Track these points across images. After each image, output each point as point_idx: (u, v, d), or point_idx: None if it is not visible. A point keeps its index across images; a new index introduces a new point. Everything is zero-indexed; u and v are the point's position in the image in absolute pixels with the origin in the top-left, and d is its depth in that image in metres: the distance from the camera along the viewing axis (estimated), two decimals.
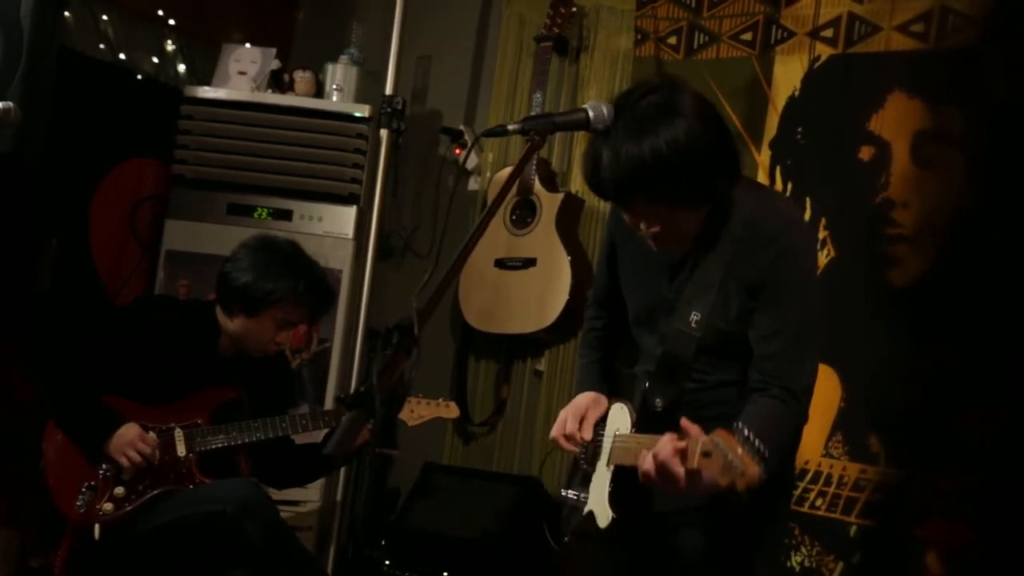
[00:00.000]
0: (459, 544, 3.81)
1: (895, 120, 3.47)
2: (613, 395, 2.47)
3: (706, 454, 1.91)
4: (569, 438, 2.41)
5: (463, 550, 3.80)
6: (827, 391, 3.51)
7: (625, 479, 2.27)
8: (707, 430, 1.98)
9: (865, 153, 3.56)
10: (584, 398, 2.48)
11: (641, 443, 2.18)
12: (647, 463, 2.05)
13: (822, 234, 3.65)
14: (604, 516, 2.33)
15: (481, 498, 3.96)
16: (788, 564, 3.49)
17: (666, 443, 2.02)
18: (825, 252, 3.63)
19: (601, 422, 2.43)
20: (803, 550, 3.48)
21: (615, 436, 2.38)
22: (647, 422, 2.29)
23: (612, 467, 2.34)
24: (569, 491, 2.51)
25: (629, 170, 2.09)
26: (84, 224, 4.22)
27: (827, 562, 3.41)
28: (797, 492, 3.46)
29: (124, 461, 3.03)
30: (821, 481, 3.45)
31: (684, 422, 2.01)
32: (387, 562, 3.82)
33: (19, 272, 3.89)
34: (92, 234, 4.24)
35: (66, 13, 3.91)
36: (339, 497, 4.08)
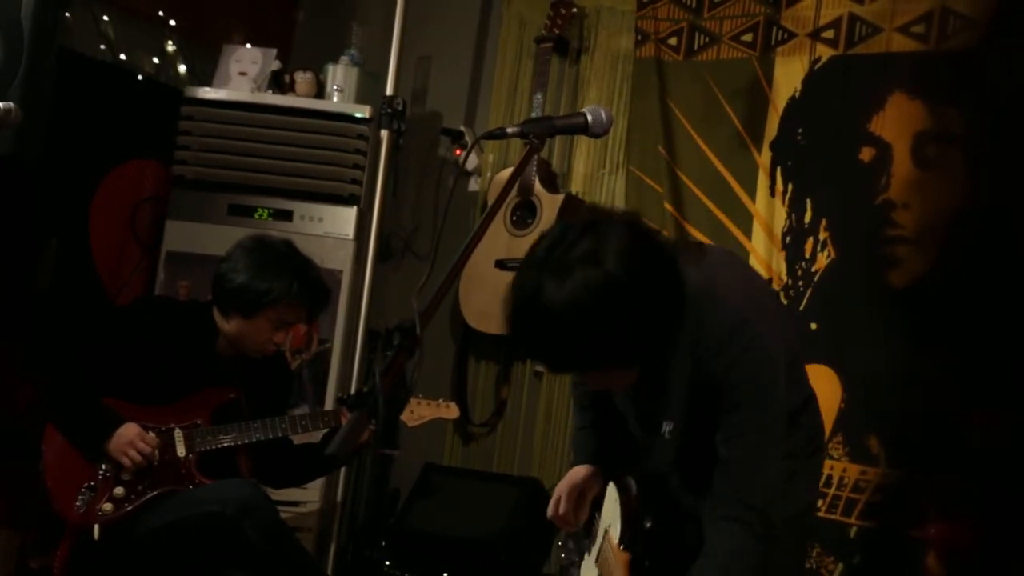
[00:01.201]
0: (459, 544, 3.82)
1: (896, 121, 3.47)
2: (612, 468, 2.42)
3: None
4: (564, 521, 2.38)
5: (463, 551, 3.80)
6: (827, 392, 3.51)
7: None
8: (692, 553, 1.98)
9: (866, 154, 3.56)
10: (579, 473, 2.41)
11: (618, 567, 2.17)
12: None
13: (823, 235, 3.65)
14: None
15: (481, 499, 3.96)
16: None
17: None
18: (826, 253, 3.63)
19: (598, 500, 2.40)
20: None
21: (606, 533, 2.35)
22: (634, 539, 2.26)
23: (598, 568, 2.33)
24: (564, 550, 2.49)
25: (545, 331, 1.90)
26: (84, 225, 4.22)
27: (827, 563, 3.41)
28: None
29: (125, 460, 3.03)
30: (821, 483, 3.44)
31: None
32: (387, 563, 3.82)
33: (19, 272, 3.89)
34: (92, 235, 4.24)
35: (66, 14, 3.91)
36: (339, 498, 4.08)
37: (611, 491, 2.39)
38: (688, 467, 2.19)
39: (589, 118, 2.18)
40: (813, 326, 3.62)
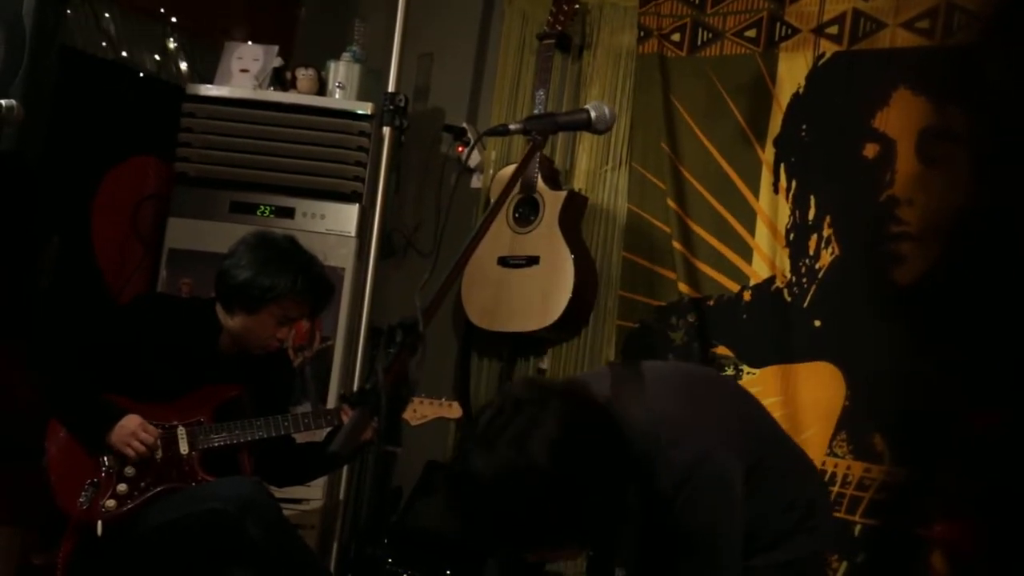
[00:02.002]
0: (461, 543, 3.81)
1: (900, 117, 3.46)
2: None
3: None
4: None
5: (466, 549, 3.79)
6: (831, 390, 3.50)
7: None
8: None
9: (870, 150, 3.55)
10: None
11: None
12: None
13: (827, 232, 3.64)
14: None
15: None
16: None
17: None
18: (830, 250, 3.62)
19: None
20: None
21: None
22: None
23: None
24: None
25: (468, 503, 1.87)
26: (86, 222, 4.21)
27: (831, 561, 3.40)
28: None
29: (128, 451, 3.03)
30: (825, 480, 3.44)
31: None
32: (389, 560, 3.82)
33: (20, 270, 3.89)
34: (94, 232, 4.24)
35: (68, 11, 3.90)
36: (342, 495, 4.07)
37: None
38: None
39: (592, 114, 2.17)
40: (817, 323, 3.61)
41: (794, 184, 3.73)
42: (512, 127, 2.17)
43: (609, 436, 1.91)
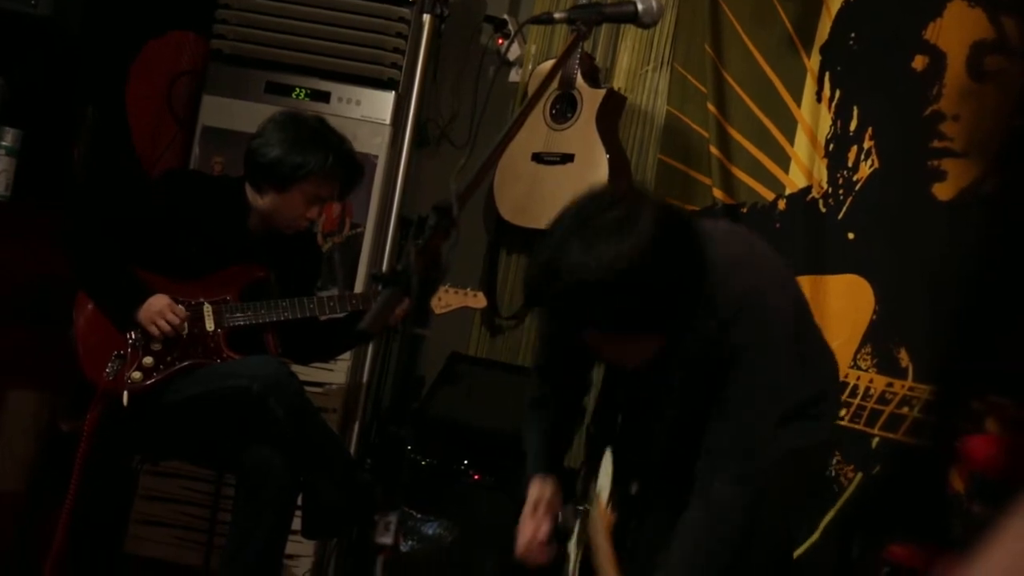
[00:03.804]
0: (481, 434, 3.85)
1: (953, 30, 3.37)
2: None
3: None
4: (528, 552, 2.31)
5: (485, 440, 3.83)
6: (860, 302, 3.48)
7: None
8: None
9: (919, 62, 3.47)
10: (547, 490, 2.35)
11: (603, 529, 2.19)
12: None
13: (867, 144, 3.57)
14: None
15: (505, 390, 3.98)
16: None
17: None
18: (869, 163, 3.57)
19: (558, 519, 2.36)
20: None
21: (597, 496, 2.36)
22: (621, 502, 2.28)
23: (588, 532, 2.33)
24: (562, 516, 2.42)
25: (574, 292, 1.91)
26: (121, 95, 4.19)
27: (847, 471, 3.42)
28: None
29: (153, 330, 3.06)
30: (847, 392, 3.44)
31: None
32: (409, 447, 3.87)
33: (57, 139, 3.89)
34: (129, 106, 4.22)
35: None
36: (365, 379, 4.11)
37: (606, 457, 2.39)
38: (685, 442, 2.17)
39: (640, 6, 2.12)
40: (850, 236, 3.57)
41: (838, 94, 3.66)
42: (556, 15, 2.15)
43: (696, 244, 1.99)
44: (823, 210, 3.64)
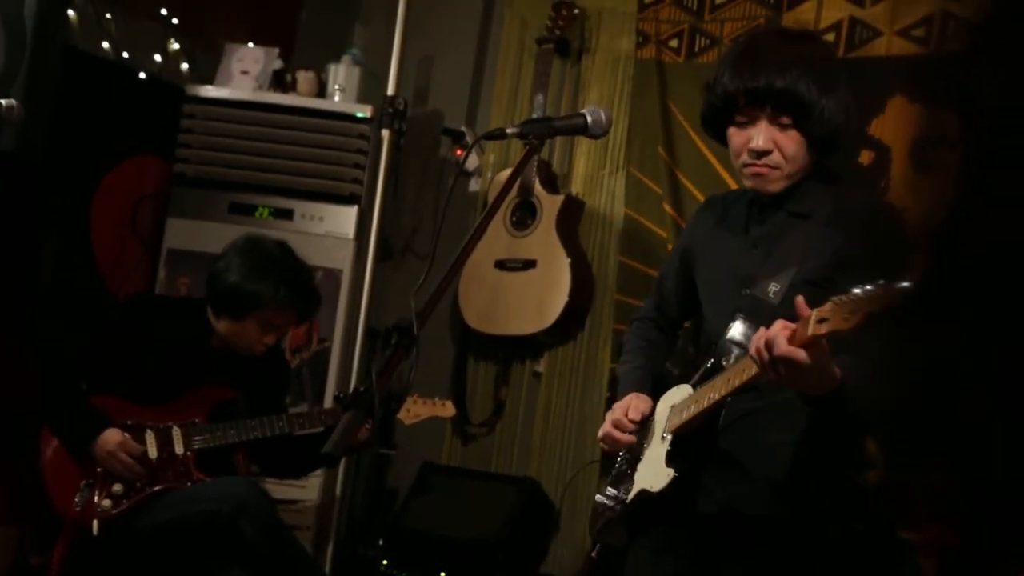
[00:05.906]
0: (457, 544, 3.82)
1: (896, 125, 3.47)
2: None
3: (822, 320, 1.84)
4: (617, 423, 2.42)
5: (461, 550, 3.80)
6: None
7: (682, 442, 2.29)
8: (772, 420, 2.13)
9: (865, 157, 3.57)
10: (629, 397, 2.49)
11: (702, 391, 2.21)
12: (755, 343, 1.97)
13: None
14: (659, 479, 2.28)
15: (479, 498, 3.96)
16: None
17: (777, 324, 1.94)
18: None
19: (646, 421, 2.43)
20: None
21: (670, 408, 2.38)
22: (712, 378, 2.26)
23: (668, 436, 2.33)
24: (605, 493, 2.48)
25: (794, 44, 2.39)
26: (85, 221, 4.22)
27: None
28: None
29: (112, 468, 3.05)
30: None
31: (799, 301, 1.92)
32: (384, 562, 3.83)
33: (20, 268, 3.90)
34: (93, 231, 4.25)
35: (69, 12, 3.92)
36: (337, 495, 4.09)
37: (667, 396, 2.41)
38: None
39: (589, 119, 2.19)
40: None
41: None
42: (509, 131, 2.19)
43: None
44: None
